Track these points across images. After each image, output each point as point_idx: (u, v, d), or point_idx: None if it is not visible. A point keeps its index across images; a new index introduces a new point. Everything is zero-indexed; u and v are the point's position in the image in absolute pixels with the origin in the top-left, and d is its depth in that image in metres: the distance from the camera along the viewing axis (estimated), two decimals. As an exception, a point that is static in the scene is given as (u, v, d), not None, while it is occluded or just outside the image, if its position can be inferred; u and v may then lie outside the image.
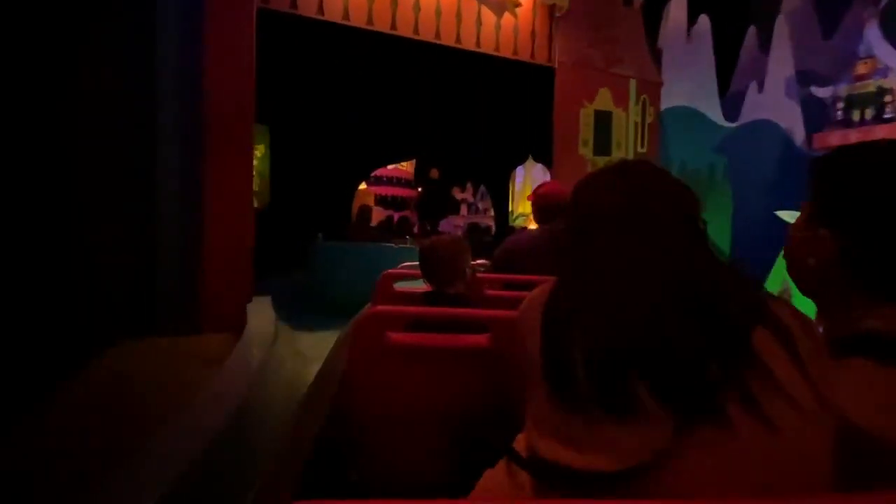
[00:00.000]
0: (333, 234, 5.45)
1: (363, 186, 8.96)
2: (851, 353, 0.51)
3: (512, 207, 6.94)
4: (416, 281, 1.52)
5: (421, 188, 9.76)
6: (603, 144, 4.13)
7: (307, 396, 1.93)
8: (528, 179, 8.60)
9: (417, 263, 1.48)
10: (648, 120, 4.40)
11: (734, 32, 6.83)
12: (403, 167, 10.00)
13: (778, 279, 4.17)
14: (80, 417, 1.63)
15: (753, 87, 6.13)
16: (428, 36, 3.58)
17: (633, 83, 4.30)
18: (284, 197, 5.93)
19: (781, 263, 0.65)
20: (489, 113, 5.38)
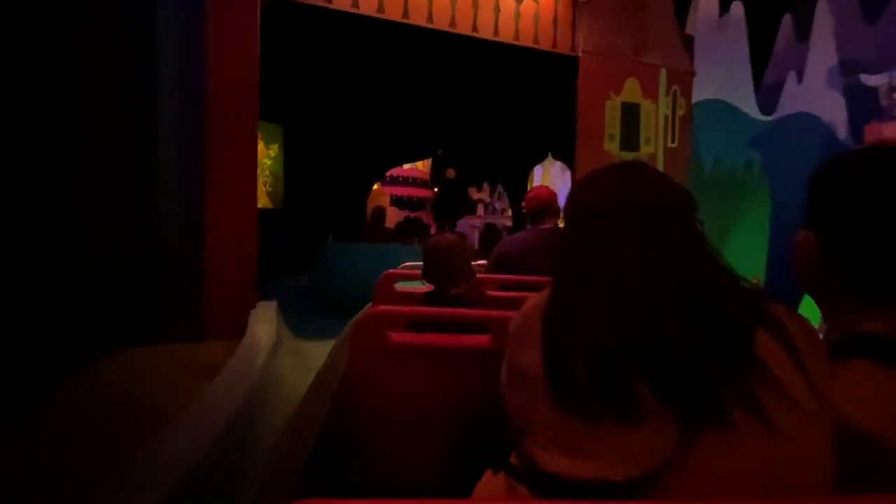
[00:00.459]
0: (347, 234, 5.32)
1: (378, 186, 8.90)
2: (850, 354, 0.51)
3: (530, 207, 6.61)
4: (416, 281, 1.49)
5: (437, 188, 9.64)
6: (630, 139, 3.85)
7: (308, 396, 1.91)
8: (546, 178, 8.33)
9: (417, 264, 1.44)
10: (679, 113, 4.09)
11: (768, 21, 6.45)
12: (419, 167, 9.91)
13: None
14: (58, 430, 1.55)
15: (792, 77, 5.74)
16: (442, 24, 3.35)
17: (662, 73, 4.00)
18: (298, 197, 5.82)
19: None
20: (508, 106, 5.15)
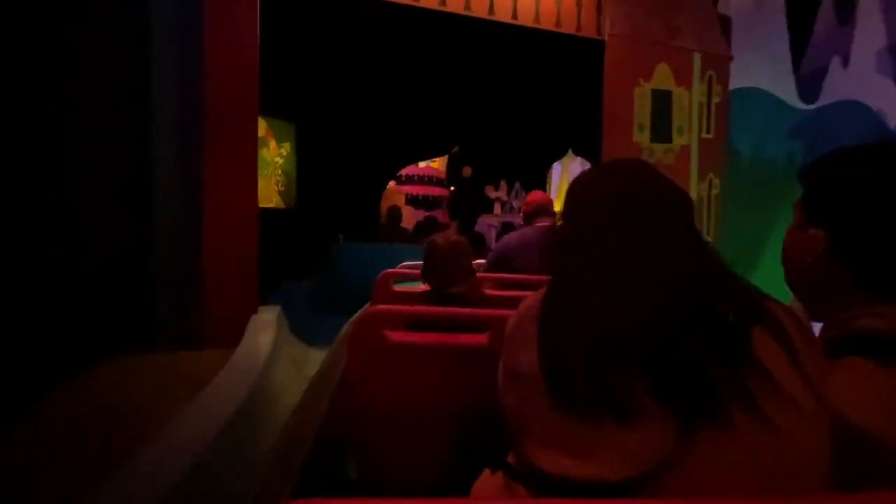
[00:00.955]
0: (361, 234, 5.16)
1: (392, 185, 8.76)
2: (847, 352, 0.51)
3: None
4: (416, 281, 1.45)
5: (453, 187, 9.44)
6: (662, 129, 3.54)
7: (306, 395, 1.88)
8: (565, 175, 8.01)
9: (416, 263, 1.43)
10: (715, 100, 3.76)
11: (807, 2, 6.01)
12: (435, 165, 9.75)
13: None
14: (29, 448, 1.47)
15: (836, 63, 5.30)
16: (457, 7, 3.11)
17: (696, 57, 3.67)
18: (311, 196, 5.67)
19: None
20: (526, 98, 4.87)
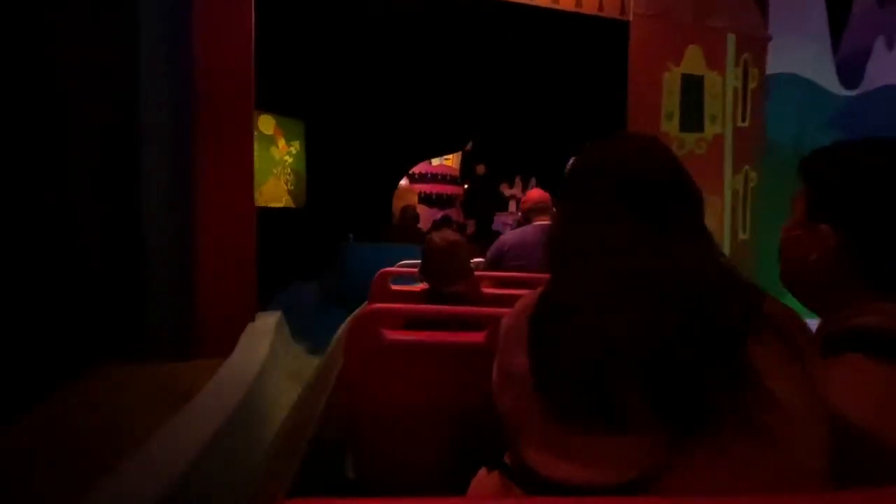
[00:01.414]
0: (373, 233, 5.01)
1: (405, 183, 8.62)
2: (848, 348, 0.50)
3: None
4: (415, 280, 1.44)
5: (467, 185, 9.25)
6: (693, 118, 3.25)
7: (305, 394, 1.85)
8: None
9: (414, 262, 1.42)
10: (751, 85, 3.44)
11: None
12: (448, 163, 9.58)
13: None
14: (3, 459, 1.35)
15: (880, 44, 4.90)
16: (467, -11, 2.88)
17: (731, 39, 3.36)
18: (321, 195, 5.51)
19: None
20: (544, 87, 4.60)
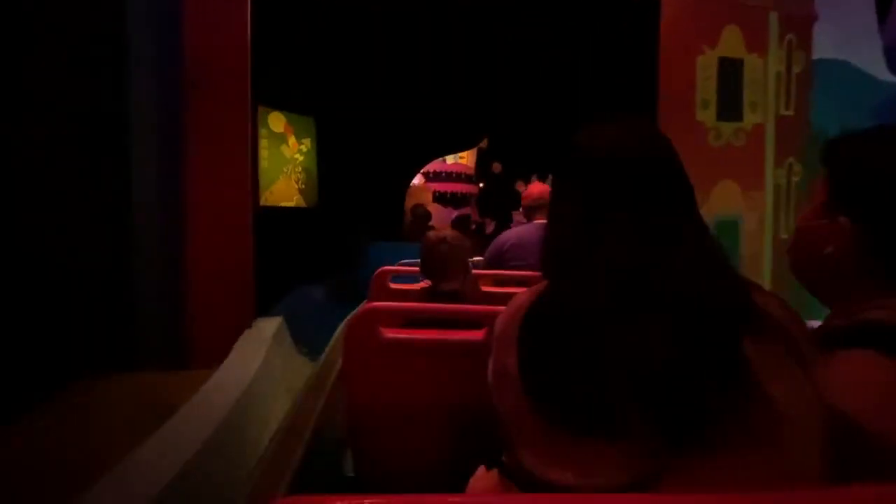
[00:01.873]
0: (387, 233, 4.86)
1: (419, 182, 8.48)
2: (853, 343, 0.49)
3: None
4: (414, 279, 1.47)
5: (482, 183, 9.06)
6: (731, 105, 2.96)
7: (304, 392, 1.82)
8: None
9: (413, 260, 1.49)
10: (796, 69, 3.13)
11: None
12: (463, 161, 9.41)
13: None
14: None
15: (934, 25, 4.47)
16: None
17: (773, 18, 3.06)
18: (333, 194, 5.36)
19: None
20: (563, 76, 4.35)
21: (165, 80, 2.21)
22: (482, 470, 0.53)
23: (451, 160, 9.27)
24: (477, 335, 0.97)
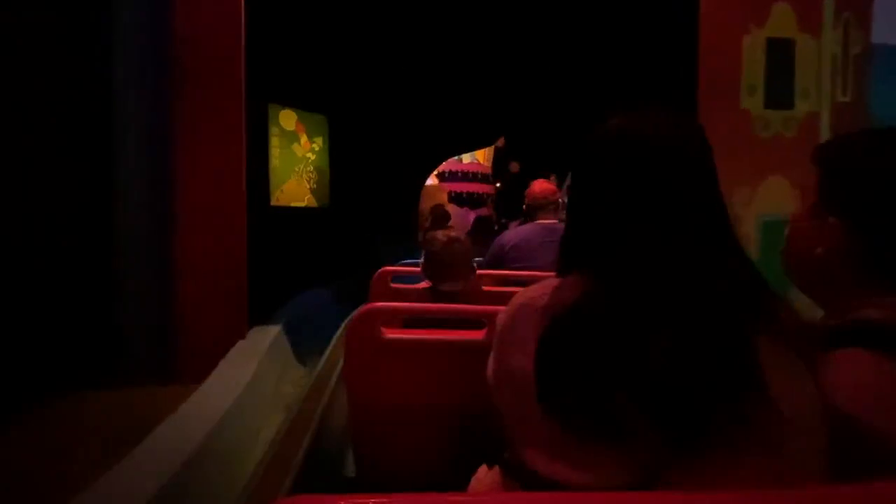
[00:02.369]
0: (400, 235, 4.69)
1: (433, 182, 8.30)
2: (847, 342, 0.50)
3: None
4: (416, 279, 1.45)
5: (499, 183, 8.85)
6: (780, 91, 2.63)
7: (307, 393, 1.83)
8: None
9: (414, 261, 1.60)
10: (854, 51, 2.78)
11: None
12: (480, 161, 9.20)
13: None
14: None
15: None
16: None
17: (828, -7, 2.72)
18: (346, 194, 5.20)
19: None
20: (589, 64, 4.09)
21: (153, 66, 2.02)
22: (484, 469, 0.53)
23: (467, 159, 9.09)
24: (478, 335, 0.97)
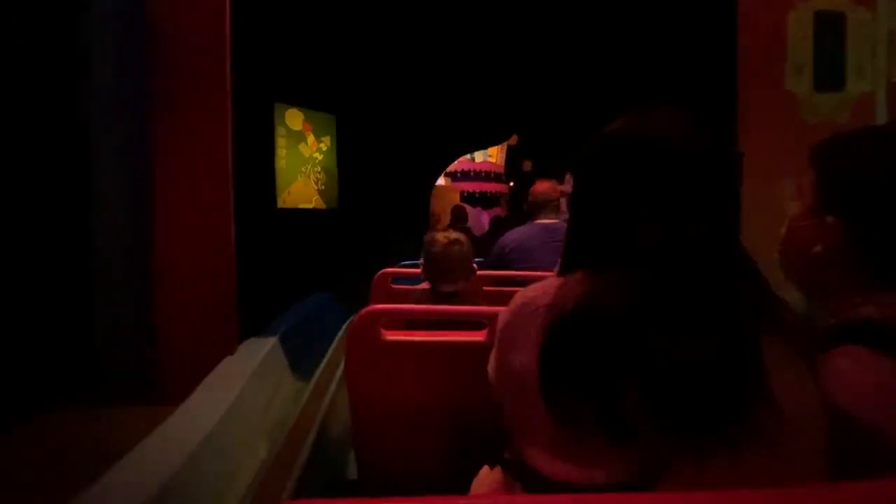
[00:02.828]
0: (411, 236, 4.48)
1: (445, 182, 8.09)
2: (845, 340, 0.51)
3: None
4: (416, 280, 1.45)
5: (513, 182, 8.63)
6: (831, 70, 2.34)
7: (308, 396, 1.82)
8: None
9: (414, 262, 1.60)
10: (913, 25, 2.46)
11: None
12: (492, 159, 9.00)
13: None
14: None
15: None
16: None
17: (884, -40, 2.41)
18: (354, 195, 5.04)
19: None
20: (607, 51, 3.85)
21: (131, 60, 1.84)
22: (486, 469, 0.53)
23: (479, 158, 8.89)
24: (479, 336, 0.97)
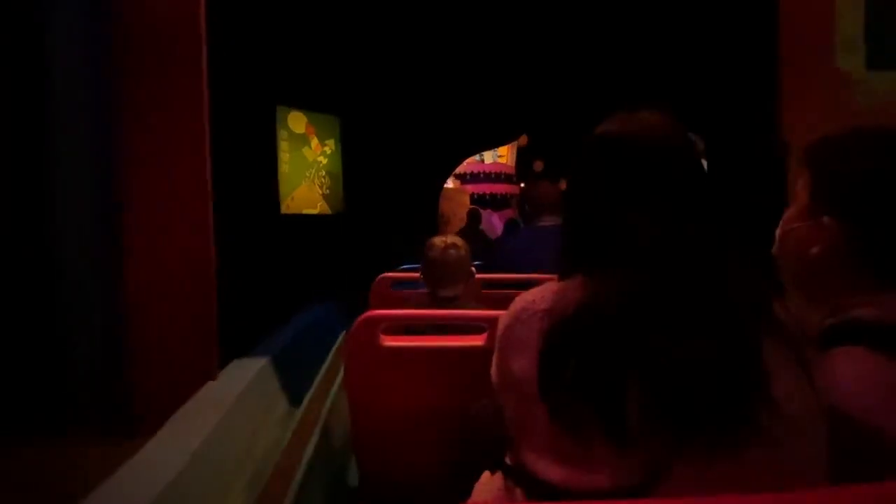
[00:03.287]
0: (422, 240, 4.30)
1: (454, 184, 7.90)
2: (845, 340, 0.51)
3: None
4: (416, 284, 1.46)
5: (523, 184, 8.46)
6: (886, 47, 2.06)
7: (308, 402, 1.86)
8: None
9: (413, 266, 1.58)
10: (980, -7, 2.17)
11: None
12: (502, 160, 8.80)
13: None
14: None
15: None
16: None
17: (944, -81, 2.13)
18: (360, 199, 4.94)
19: None
20: (613, 56, 3.66)
21: (94, 49, 1.66)
22: (486, 475, 0.53)
23: (489, 159, 8.70)
24: (478, 340, 0.98)
